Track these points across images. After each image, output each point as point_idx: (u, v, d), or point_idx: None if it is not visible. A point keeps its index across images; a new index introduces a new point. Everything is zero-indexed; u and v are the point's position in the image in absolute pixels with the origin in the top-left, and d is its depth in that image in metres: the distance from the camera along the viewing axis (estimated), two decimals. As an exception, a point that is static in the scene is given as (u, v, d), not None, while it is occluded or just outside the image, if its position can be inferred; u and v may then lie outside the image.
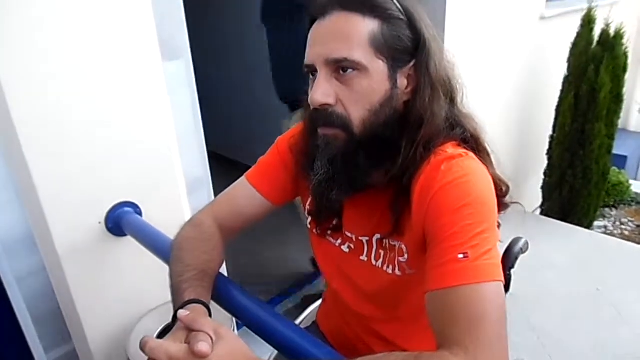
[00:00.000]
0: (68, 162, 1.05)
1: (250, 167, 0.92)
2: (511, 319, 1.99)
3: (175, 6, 1.18)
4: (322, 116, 0.71)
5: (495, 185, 0.72)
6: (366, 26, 0.67)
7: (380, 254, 0.80)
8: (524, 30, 2.73)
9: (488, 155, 0.76)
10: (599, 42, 2.62)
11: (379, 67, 0.68)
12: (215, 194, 0.97)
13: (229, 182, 0.92)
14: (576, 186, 2.77)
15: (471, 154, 0.72)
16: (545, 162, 2.97)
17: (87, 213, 1.11)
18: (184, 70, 1.22)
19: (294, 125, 0.89)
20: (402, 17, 0.69)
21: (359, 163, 0.71)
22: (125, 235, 1.14)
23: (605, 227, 3.43)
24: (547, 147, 2.93)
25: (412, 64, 0.70)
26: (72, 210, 1.07)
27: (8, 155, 1.02)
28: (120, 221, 1.13)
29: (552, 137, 2.87)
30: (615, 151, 2.89)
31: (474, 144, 0.74)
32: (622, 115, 2.88)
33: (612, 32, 2.60)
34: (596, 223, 3.31)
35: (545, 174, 2.98)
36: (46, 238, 1.06)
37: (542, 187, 3.02)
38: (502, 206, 0.76)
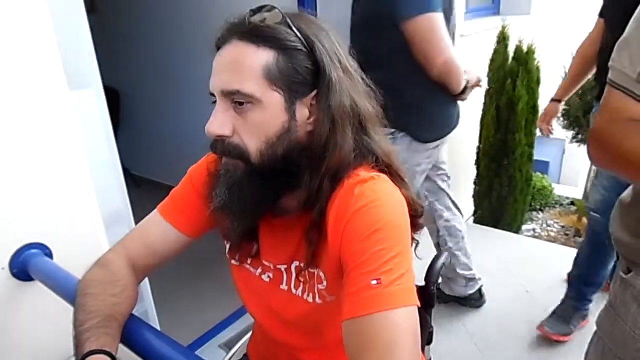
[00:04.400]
0: (-38, 205, 0.95)
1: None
2: (450, 328, 2.03)
3: (82, 34, 1.12)
4: (219, 146, 0.70)
5: (410, 206, 0.73)
6: (260, 58, 0.66)
7: (300, 282, 0.79)
8: (446, 48, 2.86)
9: (401, 178, 0.77)
10: (514, 58, 2.79)
11: (274, 99, 0.67)
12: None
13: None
14: (503, 194, 2.91)
15: (384, 176, 0.72)
16: (475, 172, 3.10)
17: (-13, 259, 1.01)
18: (94, 99, 1.16)
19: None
20: (301, 47, 0.68)
21: (252, 193, 0.70)
22: (33, 279, 1.05)
23: (534, 230, 3.62)
24: (475, 157, 3.07)
25: (313, 94, 0.69)
26: (-31, 257, 0.98)
27: None
28: (27, 265, 1.04)
29: (478, 148, 3.01)
30: (537, 157, 3.08)
31: (386, 168, 0.75)
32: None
33: (525, 48, 2.78)
34: (525, 227, 3.48)
35: (475, 183, 3.11)
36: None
37: (474, 196, 3.15)
38: (417, 227, 0.77)
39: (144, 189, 3.23)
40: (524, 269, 2.50)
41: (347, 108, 0.70)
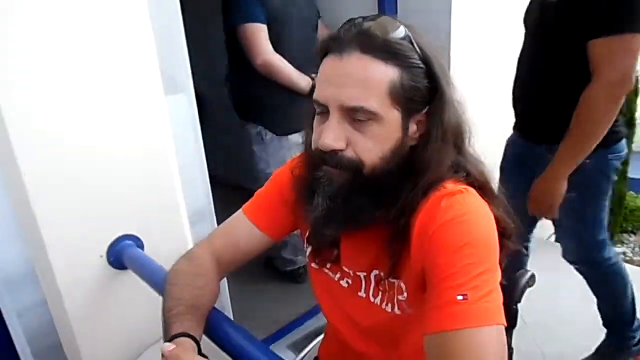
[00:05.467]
0: (70, 196, 1.05)
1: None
2: (525, 349, 1.90)
3: (178, 40, 1.20)
4: (331, 159, 0.68)
5: (499, 224, 0.70)
6: (387, 75, 0.65)
7: (378, 291, 0.78)
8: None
9: (494, 196, 0.74)
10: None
11: (393, 116, 0.67)
12: (219, 224, 0.96)
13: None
14: (591, 212, 2.70)
15: (472, 190, 0.70)
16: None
17: (88, 247, 1.11)
18: (186, 103, 1.24)
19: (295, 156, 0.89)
20: (421, 65, 0.68)
21: (361, 204, 0.70)
22: (127, 268, 1.14)
23: (624, 253, 3.33)
24: (559, 172, 2.88)
25: (424, 110, 0.70)
26: (73, 244, 1.07)
27: (10, 191, 1.04)
28: (122, 255, 1.13)
29: (564, 162, 2.82)
30: (632, 175, 2.83)
31: (478, 185, 0.73)
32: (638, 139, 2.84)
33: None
34: (615, 249, 3.21)
35: (558, 199, 2.92)
36: (47, 272, 1.06)
37: (557, 213, 2.95)
38: (505, 248, 0.74)
39: (224, 190, 3.37)
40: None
41: (454, 125, 0.71)
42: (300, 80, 1.86)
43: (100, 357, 1.17)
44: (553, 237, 3.05)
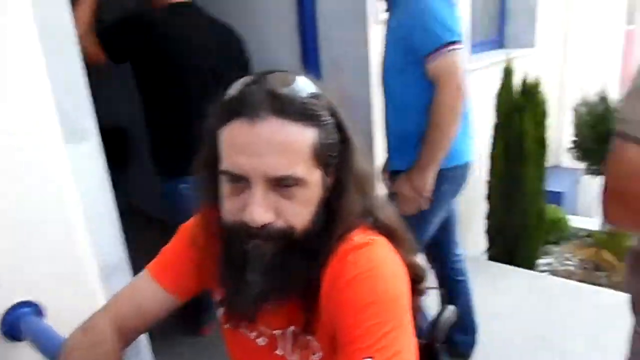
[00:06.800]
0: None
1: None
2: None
3: (78, 85, 1.12)
4: (261, 233, 0.63)
5: (411, 271, 0.69)
6: (307, 138, 0.63)
7: (296, 348, 0.75)
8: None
9: (404, 240, 0.73)
10: (521, 92, 2.77)
11: (317, 177, 0.65)
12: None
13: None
14: (516, 229, 2.83)
15: (381, 240, 0.69)
16: (486, 207, 3.04)
17: (-22, 318, 0.99)
18: (92, 151, 1.15)
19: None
20: (331, 120, 0.66)
21: (299, 267, 0.66)
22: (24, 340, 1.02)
23: (551, 264, 3.51)
24: (485, 192, 3.01)
25: (335, 161, 0.68)
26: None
27: None
28: (19, 324, 1.01)
29: (489, 182, 2.96)
30: (551, 188, 3.01)
31: (386, 231, 0.72)
32: (554, 154, 3.01)
33: (531, 81, 2.76)
34: (541, 261, 3.37)
35: (487, 218, 3.04)
36: None
37: (486, 232, 3.07)
38: (419, 292, 0.73)
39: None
40: (540, 311, 2.38)
41: (361, 171, 0.70)
42: None
43: None
44: (486, 255, 3.17)
